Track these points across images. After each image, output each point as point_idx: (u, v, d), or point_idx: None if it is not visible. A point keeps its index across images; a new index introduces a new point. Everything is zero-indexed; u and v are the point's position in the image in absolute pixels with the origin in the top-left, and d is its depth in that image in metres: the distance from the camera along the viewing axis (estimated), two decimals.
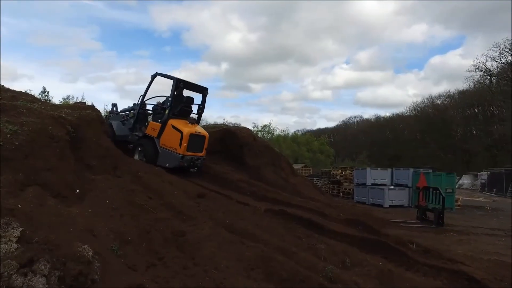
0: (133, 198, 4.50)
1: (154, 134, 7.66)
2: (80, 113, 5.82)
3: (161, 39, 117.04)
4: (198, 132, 7.80)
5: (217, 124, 13.62)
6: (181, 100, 8.04)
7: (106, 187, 4.65)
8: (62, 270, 2.64)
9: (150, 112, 8.54)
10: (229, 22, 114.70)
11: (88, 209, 3.94)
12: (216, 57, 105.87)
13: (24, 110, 4.63)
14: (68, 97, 24.24)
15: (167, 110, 7.64)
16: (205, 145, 7.93)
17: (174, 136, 7.40)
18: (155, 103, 8.43)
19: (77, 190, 4.31)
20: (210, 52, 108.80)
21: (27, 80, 71.53)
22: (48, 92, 21.44)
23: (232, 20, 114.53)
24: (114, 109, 9.43)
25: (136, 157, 7.67)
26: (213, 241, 3.68)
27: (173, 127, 7.47)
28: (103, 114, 9.09)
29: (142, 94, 8.25)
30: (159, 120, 7.77)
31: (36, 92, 19.60)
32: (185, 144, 7.32)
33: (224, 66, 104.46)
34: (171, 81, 7.92)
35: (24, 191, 3.32)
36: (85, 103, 7.70)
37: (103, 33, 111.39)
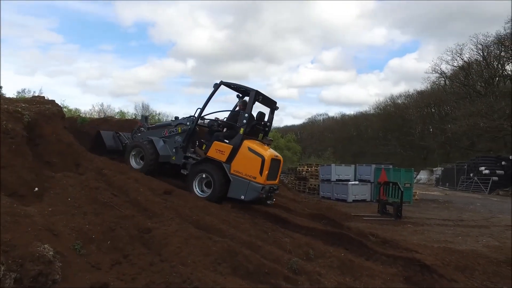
0: (96, 195, 4.38)
1: (222, 157, 6.11)
2: (38, 108, 5.54)
3: (127, 33, 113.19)
4: (276, 156, 6.55)
5: None
6: (252, 116, 6.62)
7: (68, 184, 4.49)
8: (19, 271, 2.55)
9: (206, 127, 7.12)
10: (196, 19, 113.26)
11: (48, 207, 3.79)
12: (183, 53, 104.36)
13: None
14: (23, 90, 22.73)
15: (241, 129, 6.13)
16: (280, 171, 6.79)
17: (251, 161, 5.98)
18: (185, 117, 7.03)
19: (36, 188, 4.12)
20: (177, 48, 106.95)
21: None
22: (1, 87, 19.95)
23: (199, 18, 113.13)
24: (144, 122, 7.82)
25: (196, 188, 6.22)
26: (180, 236, 3.69)
27: (250, 149, 6.04)
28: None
29: (201, 107, 6.73)
30: (226, 141, 6.28)
31: None
32: (266, 172, 6.00)
33: (191, 63, 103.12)
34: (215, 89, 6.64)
35: None
36: (43, 97, 7.25)
37: (64, 25, 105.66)
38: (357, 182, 14.54)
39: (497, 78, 34.79)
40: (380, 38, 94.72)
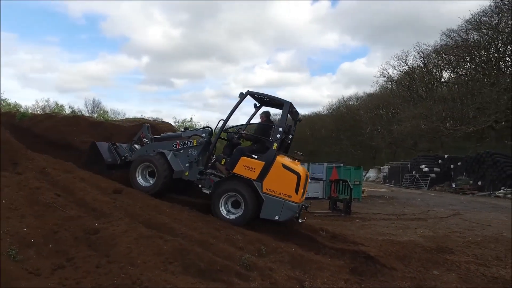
0: (37, 196, 4.10)
1: (252, 175, 5.56)
2: None
3: (75, 26, 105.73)
4: (306, 172, 6.19)
5: (137, 118, 12.96)
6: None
7: (3, 185, 4.15)
8: None
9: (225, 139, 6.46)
10: (151, 15, 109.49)
11: None
12: (136, 50, 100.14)
13: None
14: None
15: (275, 144, 5.61)
16: (307, 187, 6.32)
17: (286, 178, 5.53)
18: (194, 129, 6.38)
19: None
20: (130, 44, 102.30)
21: None
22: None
23: (153, 14, 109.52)
24: (147, 132, 6.91)
25: (222, 210, 5.61)
26: (130, 237, 3.59)
27: (285, 166, 5.56)
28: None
29: (224, 118, 6.12)
30: (254, 156, 5.71)
31: None
32: (302, 190, 5.64)
33: (145, 59, 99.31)
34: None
35: None
36: None
37: None
38: (310, 180, 15.03)
39: (435, 84, 38.01)
40: (332, 42, 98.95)
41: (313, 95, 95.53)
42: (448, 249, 6.05)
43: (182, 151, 6.26)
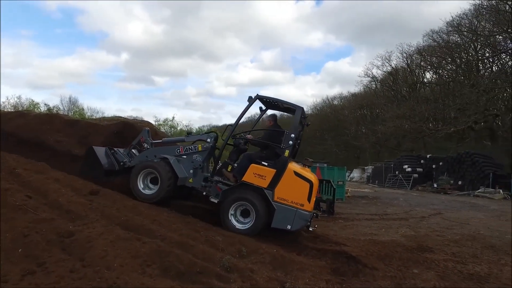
0: (6, 198, 3.97)
1: (263, 183, 5.47)
2: None
3: (50, 19, 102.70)
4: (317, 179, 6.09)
5: (116, 116, 12.72)
6: None
7: None
8: None
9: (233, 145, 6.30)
10: (131, 11, 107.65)
11: None
12: (116, 46, 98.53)
13: None
14: None
15: (287, 151, 5.50)
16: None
17: (298, 186, 5.48)
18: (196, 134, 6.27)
19: None
20: (109, 40, 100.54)
21: None
22: None
23: (134, 10, 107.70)
24: (147, 136, 6.65)
25: (232, 220, 5.53)
26: (106, 239, 3.54)
27: (297, 174, 5.50)
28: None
29: (233, 124, 6.03)
30: (264, 163, 5.64)
31: None
32: (314, 198, 5.60)
33: (125, 56, 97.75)
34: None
35: None
36: None
37: None
38: None
39: (418, 85, 39.08)
40: (316, 41, 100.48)
41: (297, 94, 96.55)
42: (428, 248, 6.25)
43: (185, 156, 6.12)
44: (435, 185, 24.00)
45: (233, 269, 3.75)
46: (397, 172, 28.26)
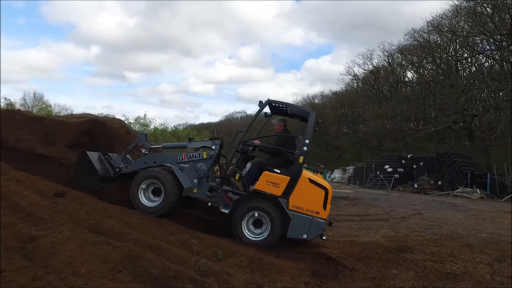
0: None
1: (276, 191, 5.40)
2: None
3: (11, 8, 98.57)
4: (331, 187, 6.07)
5: (85, 114, 12.37)
6: None
7: None
8: None
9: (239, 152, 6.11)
10: (101, 2, 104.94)
11: None
12: (85, 39, 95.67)
13: None
14: None
15: (301, 158, 5.44)
16: None
17: (313, 194, 5.45)
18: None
19: None
20: (77, 32, 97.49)
21: None
22: None
23: (105, 1, 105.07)
24: (145, 141, 6.32)
25: (246, 231, 5.44)
26: (73, 244, 3.43)
27: (311, 181, 5.47)
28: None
29: (243, 130, 5.90)
30: (277, 170, 5.56)
31: None
32: (329, 206, 5.58)
33: (95, 50, 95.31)
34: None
35: None
36: None
37: None
38: None
39: (399, 84, 40.21)
40: (297, 38, 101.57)
41: (277, 92, 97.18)
42: (408, 248, 6.45)
43: (189, 164, 5.94)
44: (416, 185, 24.79)
45: (209, 273, 3.73)
46: (378, 173, 28.97)
